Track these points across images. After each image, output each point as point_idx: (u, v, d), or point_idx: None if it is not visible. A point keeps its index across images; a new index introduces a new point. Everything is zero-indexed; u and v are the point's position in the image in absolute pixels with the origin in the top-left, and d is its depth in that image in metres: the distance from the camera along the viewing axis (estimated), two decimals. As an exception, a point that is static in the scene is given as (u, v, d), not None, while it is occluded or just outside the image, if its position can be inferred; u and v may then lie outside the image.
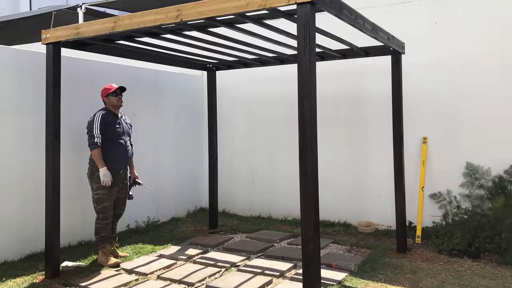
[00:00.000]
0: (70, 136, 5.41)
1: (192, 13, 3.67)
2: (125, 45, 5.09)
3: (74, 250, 5.32)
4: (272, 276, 4.45)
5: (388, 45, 4.87)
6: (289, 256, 5.01)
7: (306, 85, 3.22)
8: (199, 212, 7.54)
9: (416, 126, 5.96)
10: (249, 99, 7.39)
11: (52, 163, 4.52)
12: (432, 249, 5.31)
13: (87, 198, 5.71)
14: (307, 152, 3.24)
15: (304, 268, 3.30)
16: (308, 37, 3.19)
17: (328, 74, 6.27)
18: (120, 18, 4.08)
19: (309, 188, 3.24)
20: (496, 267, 4.69)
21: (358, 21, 4.03)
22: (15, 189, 4.99)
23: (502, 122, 5.51)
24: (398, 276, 4.44)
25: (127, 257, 5.10)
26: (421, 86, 5.95)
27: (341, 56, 5.61)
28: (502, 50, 5.53)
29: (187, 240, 5.84)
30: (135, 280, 4.37)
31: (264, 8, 3.37)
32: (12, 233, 4.94)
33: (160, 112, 6.83)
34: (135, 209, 6.33)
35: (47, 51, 4.57)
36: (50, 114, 4.55)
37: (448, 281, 4.30)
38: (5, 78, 4.94)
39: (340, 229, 6.31)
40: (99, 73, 5.93)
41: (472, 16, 5.71)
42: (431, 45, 5.93)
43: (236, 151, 7.52)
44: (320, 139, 3.55)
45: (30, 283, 4.30)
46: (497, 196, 5.25)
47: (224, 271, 4.64)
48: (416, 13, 6.02)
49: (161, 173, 6.83)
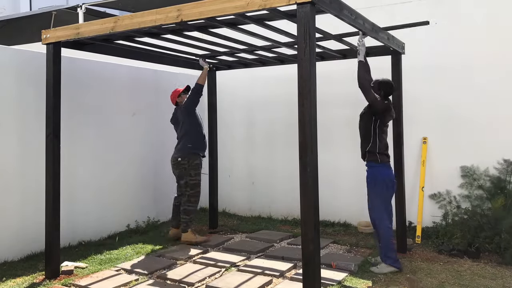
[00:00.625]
0: (74, 136, 5.43)
1: (192, 13, 3.67)
2: (125, 45, 5.10)
3: (74, 250, 5.31)
4: (272, 276, 4.45)
5: (388, 45, 4.87)
6: (289, 256, 5.01)
7: (306, 85, 3.22)
8: (199, 212, 7.53)
9: (416, 126, 5.96)
10: (249, 99, 7.39)
11: (52, 163, 4.52)
12: (432, 249, 5.31)
13: (88, 197, 5.75)
14: (307, 151, 3.25)
15: (304, 268, 3.30)
16: (308, 37, 3.19)
17: (328, 75, 6.26)
18: (120, 18, 4.08)
19: (309, 188, 3.25)
20: (496, 267, 4.69)
21: (358, 21, 4.04)
22: (15, 189, 4.99)
23: (502, 122, 5.52)
24: (398, 276, 4.44)
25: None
26: (421, 86, 5.95)
27: (341, 56, 5.62)
28: (502, 50, 5.53)
29: (187, 240, 5.84)
30: (135, 280, 4.37)
31: (264, 8, 3.37)
32: (12, 233, 4.94)
33: (160, 112, 6.83)
34: (135, 209, 6.34)
35: (47, 51, 4.56)
36: (50, 114, 4.55)
37: (448, 281, 4.30)
38: (5, 78, 4.94)
39: (340, 229, 6.31)
40: (99, 73, 5.94)
41: (472, 16, 5.72)
42: (431, 45, 5.93)
43: (236, 151, 7.52)
44: (320, 139, 3.55)
45: (30, 283, 4.30)
46: (496, 196, 5.26)
47: (224, 271, 4.64)
48: (416, 13, 6.02)
49: (161, 173, 6.83)
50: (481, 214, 5.31)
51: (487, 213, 5.28)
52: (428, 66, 5.94)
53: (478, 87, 5.66)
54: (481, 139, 5.61)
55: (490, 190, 5.39)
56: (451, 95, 5.81)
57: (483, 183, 5.47)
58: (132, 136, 6.40)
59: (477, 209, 5.38)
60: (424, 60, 5.95)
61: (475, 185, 5.51)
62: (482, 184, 5.47)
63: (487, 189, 5.42)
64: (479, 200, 5.45)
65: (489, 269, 4.64)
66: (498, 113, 5.53)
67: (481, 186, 5.47)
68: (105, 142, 5.99)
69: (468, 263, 4.84)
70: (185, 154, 5.67)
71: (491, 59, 5.58)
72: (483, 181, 5.48)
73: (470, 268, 4.68)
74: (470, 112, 5.69)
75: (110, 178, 6.03)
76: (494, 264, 4.78)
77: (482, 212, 5.33)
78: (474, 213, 5.37)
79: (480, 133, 5.63)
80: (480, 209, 5.36)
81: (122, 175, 6.22)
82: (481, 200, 5.44)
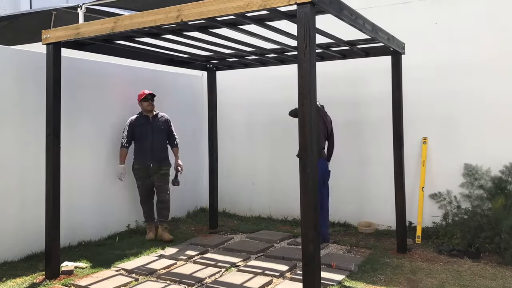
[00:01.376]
0: (73, 136, 5.42)
1: (192, 13, 3.67)
2: (125, 45, 5.09)
3: (74, 250, 5.31)
4: (272, 276, 4.45)
5: (388, 45, 4.87)
6: (289, 256, 5.01)
7: (306, 85, 3.22)
8: (199, 212, 7.54)
9: (416, 126, 5.95)
10: (249, 99, 7.38)
11: (52, 163, 4.52)
12: (432, 249, 5.31)
13: (88, 197, 5.74)
14: (307, 151, 3.24)
15: (304, 268, 3.30)
16: (308, 38, 3.19)
17: (328, 75, 6.26)
18: (121, 18, 4.08)
19: (309, 188, 3.24)
20: (496, 267, 4.69)
21: (358, 21, 4.03)
22: (15, 189, 4.99)
23: (502, 122, 5.51)
24: (398, 276, 4.44)
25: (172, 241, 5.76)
26: (421, 86, 5.95)
27: (341, 56, 5.61)
28: (502, 50, 5.53)
29: (187, 240, 5.84)
30: (135, 280, 4.36)
31: (264, 8, 3.37)
32: (12, 234, 4.93)
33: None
34: (135, 209, 6.33)
35: (48, 51, 4.56)
36: (50, 114, 4.54)
37: (448, 281, 4.30)
38: (5, 78, 4.94)
39: (340, 229, 6.31)
40: (99, 73, 5.94)
41: (472, 16, 5.71)
42: (431, 45, 5.93)
43: (236, 151, 7.51)
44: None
45: (30, 283, 4.30)
46: (497, 197, 5.26)
47: (224, 271, 4.64)
48: (416, 13, 6.03)
49: (161, 173, 6.82)
50: (481, 214, 5.30)
51: (487, 213, 5.27)
52: (428, 66, 5.94)
53: (478, 87, 5.65)
54: (482, 140, 5.60)
55: (491, 190, 5.39)
56: (451, 95, 5.81)
57: (484, 183, 5.47)
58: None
59: (477, 209, 5.37)
60: (424, 60, 5.94)
61: (475, 184, 5.51)
62: (483, 184, 5.47)
63: (487, 189, 5.42)
64: (479, 200, 5.45)
65: (489, 269, 4.64)
66: (498, 113, 5.53)
67: (481, 186, 5.46)
68: (105, 142, 5.99)
69: (468, 263, 4.84)
70: None
71: (491, 59, 5.58)
72: (484, 181, 5.47)
73: (470, 268, 4.68)
74: (470, 112, 5.69)
75: (110, 178, 6.02)
76: (494, 264, 4.78)
77: (482, 212, 5.33)
78: (474, 213, 5.37)
79: (480, 133, 5.63)
80: (480, 209, 5.36)
81: (122, 175, 6.20)
82: (481, 200, 5.44)
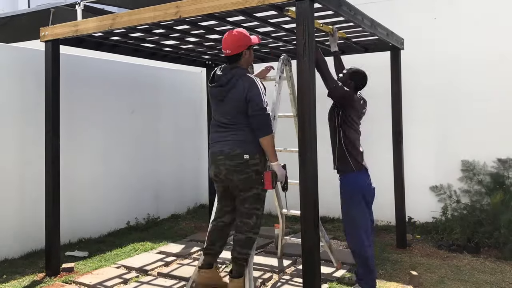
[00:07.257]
0: (74, 133, 5.43)
1: (191, 9, 3.66)
2: (124, 42, 5.08)
3: (75, 247, 5.32)
4: (272, 272, 4.46)
5: (387, 41, 4.86)
6: (289, 252, 5.02)
7: (306, 82, 3.22)
8: (199, 208, 7.55)
9: (416, 122, 5.95)
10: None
11: (52, 160, 4.52)
12: (431, 245, 5.32)
13: (87, 194, 5.75)
14: (306, 148, 3.24)
15: (304, 264, 3.31)
16: (307, 34, 3.19)
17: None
18: (119, 15, 4.07)
19: (309, 185, 3.25)
20: (495, 262, 4.71)
21: (357, 17, 4.02)
22: (15, 188, 4.99)
23: (501, 118, 5.52)
24: (398, 271, 4.45)
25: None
26: (420, 82, 5.95)
27: (340, 52, 5.59)
28: (501, 48, 5.53)
29: (187, 237, 5.84)
30: (136, 277, 4.37)
31: (263, 4, 3.36)
32: (12, 231, 4.94)
33: (159, 109, 6.83)
34: (135, 206, 6.34)
35: (46, 49, 4.55)
36: (49, 112, 4.54)
37: (448, 276, 4.32)
38: (5, 76, 4.94)
39: (340, 225, 6.30)
40: (98, 70, 5.94)
41: (472, 12, 5.70)
42: (430, 41, 5.92)
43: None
44: (320, 135, 3.54)
45: (31, 281, 4.31)
46: (495, 191, 5.27)
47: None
48: (415, 9, 6.01)
49: (161, 170, 6.83)
50: (480, 209, 5.32)
51: (486, 208, 5.29)
52: (427, 62, 5.93)
53: (477, 82, 5.65)
54: (481, 134, 5.61)
55: (489, 185, 5.40)
56: (451, 89, 5.81)
57: (483, 178, 5.48)
58: (132, 133, 6.39)
59: (477, 204, 5.39)
60: (423, 56, 5.94)
61: (474, 179, 5.52)
62: (482, 179, 5.48)
63: (486, 184, 5.43)
64: (478, 195, 5.46)
65: (488, 264, 4.65)
66: (498, 109, 5.53)
67: (480, 181, 5.48)
68: (105, 139, 5.99)
69: (467, 258, 4.85)
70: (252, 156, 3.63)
71: (490, 56, 5.58)
72: (483, 176, 5.49)
73: (470, 263, 4.70)
74: (470, 107, 5.69)
75: (110, 174, 6.03)
76: (493, 259, 4.80)
77: (481, 207, 5.34)
78: (473, 208, 5.38)
79: (479, 129, 5.63)
80: (479, 204, 5.37)
81: (122, 172, 6.21)
82: (480, 195, 5.45)
